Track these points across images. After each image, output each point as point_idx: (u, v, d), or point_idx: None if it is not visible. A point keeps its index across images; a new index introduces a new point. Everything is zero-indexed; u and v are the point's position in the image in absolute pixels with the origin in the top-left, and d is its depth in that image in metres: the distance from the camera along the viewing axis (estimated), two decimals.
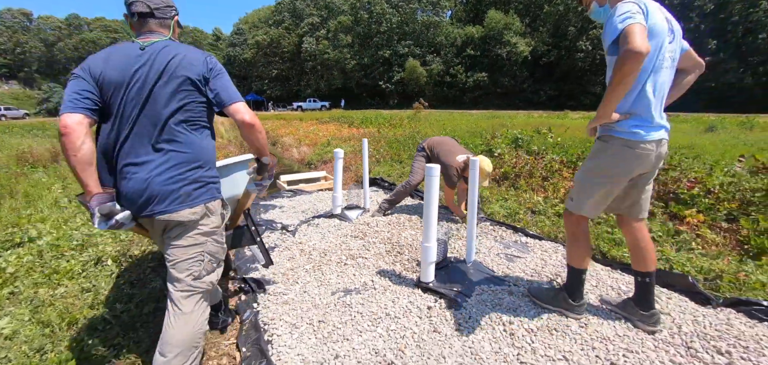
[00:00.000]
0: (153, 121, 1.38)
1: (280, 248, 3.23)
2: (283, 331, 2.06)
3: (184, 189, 1.42)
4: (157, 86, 1.38)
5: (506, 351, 1.82)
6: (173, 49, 1.42)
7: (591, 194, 1.85)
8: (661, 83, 1.68)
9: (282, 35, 49.75)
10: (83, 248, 3.05)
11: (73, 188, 5.08)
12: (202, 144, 1.49)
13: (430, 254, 2.38)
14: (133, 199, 1.38)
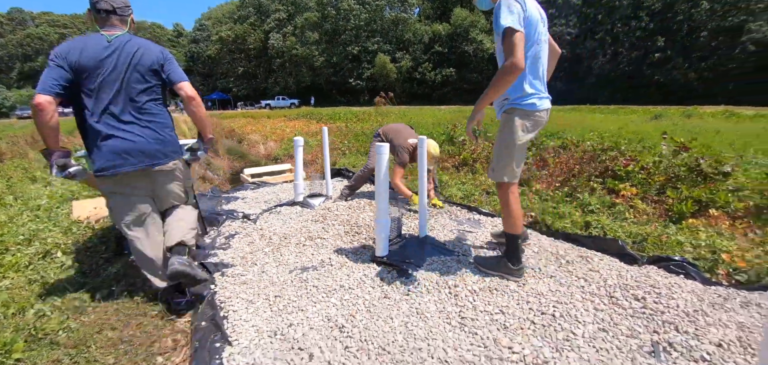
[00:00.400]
0: (128, 98, 1.90)
1: (241, 235, 3.25)
2: (239, 307, 2.11)
3: (166, 148, 2.03)
4: (127, 72, 1.89)
5: (449, 309, 1.97)
6: (136, 42, 1.93)
7: (510, 160, 2.15)
8: (542, 62, 2.09)
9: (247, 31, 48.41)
10: (30, 242, 2.94)
11: (18, 187, 4.81)
12: (165, 114, 2.08)
13: (382, 229, 2.50)
14: (130, 154, 1.91)
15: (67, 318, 1.98)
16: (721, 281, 2.26)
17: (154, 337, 1.90)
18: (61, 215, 3.64)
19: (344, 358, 1.64)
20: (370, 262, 2.57)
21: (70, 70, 1.79)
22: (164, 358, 1.76)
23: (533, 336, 1.73)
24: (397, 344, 1.71)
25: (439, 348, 1.66)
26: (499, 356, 1.60)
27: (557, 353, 1.61)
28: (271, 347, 1.75)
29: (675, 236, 2.76)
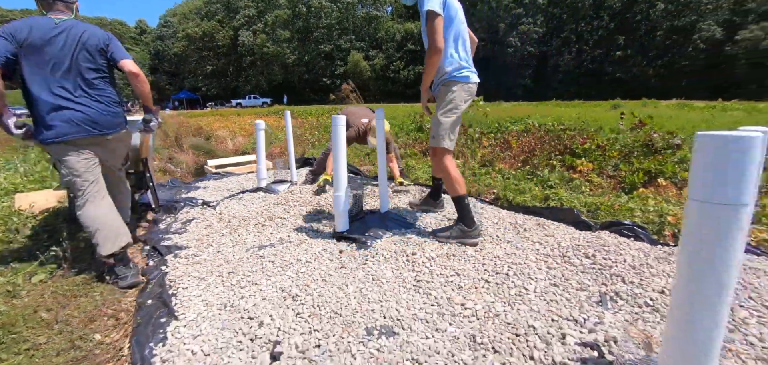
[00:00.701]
0: (78, 74, 2.07)
1: (198, 220, 3.12)
2: (190, 284, 2.02)
3: (116, 119, 2.23)
4: (76, 51, 2.05)
5: (406, 274, 1.96)
6: (82, 26, 2.11)
7: (449, 128, 2.32)
8: (464, 41, 2.35)
9: (215, 28, 46.88)
10: None
11: None
12: (112, 91, 2.24)
13: (341, 203, 2.46)
14: (83, 124, 2.06)
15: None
16: (667, 241, 2.38)
17: (93, 316, 1.78)
18: (2, 207, 3.37)
19: (295, 324, 1.59)
20: (330, 238, 2.53)
21: (18, 45, 1.92)
22: (103, 336, 1.65)
23: (486, 293, 1.75)
24: (350, 307, 1.68)
25: (393, 309, 1.65)
26: (452, 312, 1.60)
27: (509, 306, 1.63)
28: (219, 318, 1.68)
29: (626, 204, 2.88)
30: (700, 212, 0.72)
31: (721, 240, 0.69)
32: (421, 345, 1.41)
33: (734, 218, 0.68)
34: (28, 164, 4.91)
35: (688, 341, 0.78)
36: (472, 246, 2.26)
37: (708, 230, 0.71)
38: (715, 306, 0.73)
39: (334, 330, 1.53)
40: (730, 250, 0.69)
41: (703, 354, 0.76)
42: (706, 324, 0.75)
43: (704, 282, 0.73)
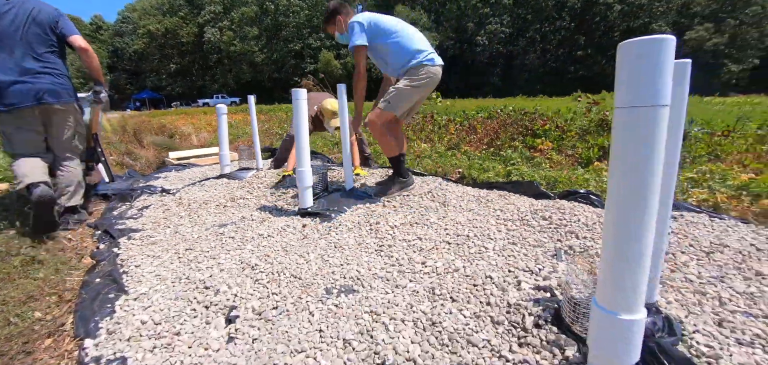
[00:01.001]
0: (29, 48, 2.23)
1: (156, 206, 2.98)
2: (143, 262, 1.93)
3: (64, 91, 2.38)
4: (26, 26, 2.22)
5: (368, 241, 1.96)
6: (33, 2, 2.28)
7: (406, 100, 2.54)
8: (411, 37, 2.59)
9: (179, 25, 44.97)
10: None
11: None
12: (61, 64, 2.41)
13: (305, 179, 2.43)
14: (32, 94, 2.24)
15: None
16: None
17: (34, 296, 1.65)
18: None
19: (253, 290, 1.55)
20: (295, 216, 2.48)
21: None
22: (43, 313, 1.53)
23: (447, 252, 1.78)
24: (310, 272, 1.66)
25: (353, 270, 1.64)
26: (412, 270, 1.62)
27: (468, 263, 1.66)
28: (172, 290, 1.61)
29: (583, 176, 3.02)
30: (624, 118, 0.77)
31: (643, 141, 0.74)
32: (381, 299, 1.41)
33: (654, 119, 0.72)
34: None
35: (619, 253, 0.82)
36: (409, 192, 2.67)
37: (631, 133, 0.76)
38: (642, 210, 0.78)
39: (292, 293, 1.50)
40: (653, 152, 0.74)
41: (634, 262, 0.81)
42: (636, 232, 0.79)
43: (631, 188, 0.78)
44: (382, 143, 2.67)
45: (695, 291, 1.38)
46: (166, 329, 1.35)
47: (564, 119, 4.31)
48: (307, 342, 1.20)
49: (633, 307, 0.83)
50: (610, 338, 0.86)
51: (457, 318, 1.24)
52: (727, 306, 1.29)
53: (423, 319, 1.26)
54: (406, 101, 2.56)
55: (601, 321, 0.87)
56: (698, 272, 1.53)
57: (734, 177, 2.77)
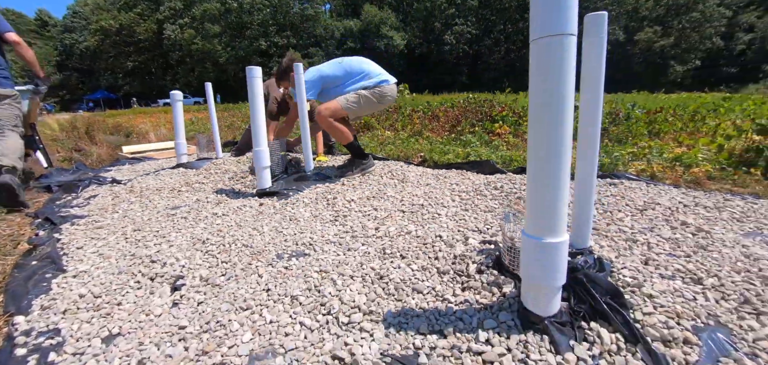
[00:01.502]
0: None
1: (104, 195, 2.82)
2: (86, 244, 1.82)
3: (4, 79, 2.69)
4: None
5: (324, 213, 1.96)
6: None
7: (365, 108, 2.74)
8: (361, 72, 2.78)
9: (135, 21, 42.59)
10: None
11: None
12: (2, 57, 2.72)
13: (262, 159, 2.39)
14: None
15: None
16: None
17: None
18: None
19: (202, 261, 1.52)
20: (252, 197, 2.44)
21: None
22: (5, 252, 1.42)
23: (401, 220, 1.81)
24: (263, 242, 1.64)
25: (306, 238, 1.64)
26: (365, 235, 1.64)
27: (420, 227, 1.70)
28: (116, 266, 1.54)
29: None
30: (537, 49, 0.83)
31: (554, 69, 0.80)
32: (332, 260, 1.42)
33: (560, 47, 0.78)
34: None
35: (539, 181, 0.88)
36: (369, 173, 2.75)
37: (543, 63, 0.81)
38: (557, 138, 0.84)
39: (242, 260, 1.48)
40: (563, 78, 0.80)
41: (553, 188, 0.86)
42: (553, 159, 0.85)
43: (545, 117, 0.84)
44: (335, 132, 2.73)
45: (627, 239, 1.49)
46: (107, 301, 1.29)
47: (521, 106, 4.49)
48: (254, 300, 1.19)
49: (554, 230, 0.89)
50: (537, 261, 0.91)
51: (405, 271, 1.28)
52: (654, 249, 1.40)
53: (371, 274, 1.28)
54: (366, 108, 2.77)
55: (529, 248, 0.93)
56: (631, 225, 1.65)
57: (670, 151, 3.01)
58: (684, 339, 0.91)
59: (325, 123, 2.67)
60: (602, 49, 1.16)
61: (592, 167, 1.28)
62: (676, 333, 0.92)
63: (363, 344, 0.94)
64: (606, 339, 0.90)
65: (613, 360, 0.86)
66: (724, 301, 1.07)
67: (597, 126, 1.24)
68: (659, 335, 0.92)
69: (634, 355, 0.87)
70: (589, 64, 1.20)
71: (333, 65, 2.84)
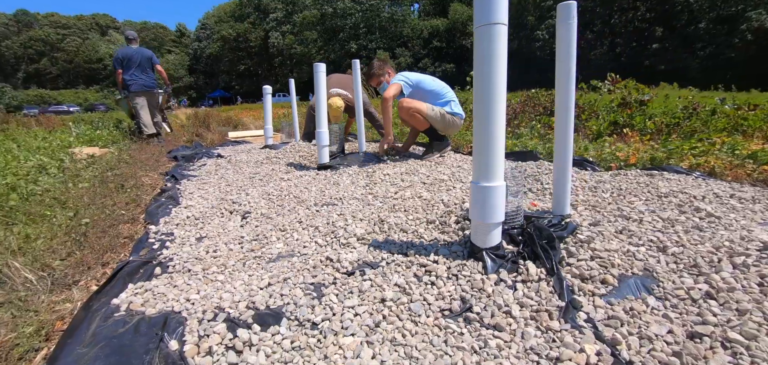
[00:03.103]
0: (144, 67, 5.28)
1: (211, 164, 3.68)
2: (195, 191, 2.54)
3: (154, 84, 5.44)
4: (143, 59, 5.30)
5: (361, 181, 2.38)
6: (143, 49, 5.33)
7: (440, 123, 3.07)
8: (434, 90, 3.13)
9: (248, 30, 49.07)
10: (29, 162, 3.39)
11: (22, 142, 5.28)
12: (153, 74, 5.40)
13: (322, 139, 2.91)
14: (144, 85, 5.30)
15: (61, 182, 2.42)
16: (607, 168, 2.64)
17: (124, 202, 2.32)
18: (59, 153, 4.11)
19: (265, 204, 2.06)
20: (313, 170, 2.98)
21: None
22: (127, 212, 2.18)
23: (420, 189, 2.13)
24: (308, 196, 2.12)
25: (339, 195, 2.07)
26: (384, 196, 2.01)
27: (433, 194, 2.00)
28: (210, 203, 2.17)
29: (586, 148, 3.15)
30: (478, 35, 1.10)
31: (489, 52, 1.07)
32: (352, 209, 1.82)
33: (491, 34, 1.05)
34: (81, 129, 5.77)
35: (479, 139, 1.15)
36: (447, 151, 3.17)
37: (481, 47, 1.09)
38: (492, 108, 1.10)
39: (290, 205, 1.98)
40: (495, 58, 1.07)
41: (489, 142, 1.13)
42: (488, 122, 1.12)
43: (484, 92, 1.10)
44: (413, 121, 3.07)
45: (619, 215, 1.60)
46: (201, 221, 1.89)
47: (586, 101, 4.33)
48: (289, 226, 1.66)
49: (490, 177, 1.16)
50: (477, 202, 1.19)
51: (400, 218, 1.62)
52: (642, 224, 1.49)
53: (375, 218, 1.65)
54: (439, 123, 3.10)
55: (473, 192, 1.20)
56: (637, 206, 1.72)
57: (746, 148, 2.72)
58: (602, 279, 1.09)
59: (406, 113, 3.04)
60: (571, 34, 1.35)
61: (565, 144, 1.46)
62: (595, 273, 1.10)
63: (348, 254, 1.32)
64: (532, 271, 1.13)
65: (531, 285, 1.10)
66: (673, 264, 1.18)
67: (570, 111, 1.42)
68: (579, 273, 1.11)
69: (548, 284, 1.09)
70: (561, 49, 1.39)
71: (429, 80, 3.20)
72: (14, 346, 0.98)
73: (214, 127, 9.25)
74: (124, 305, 1.13)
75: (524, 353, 0.83)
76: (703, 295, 0.99)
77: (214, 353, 0.90)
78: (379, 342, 0.87)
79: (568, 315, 0.94)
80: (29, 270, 1.29)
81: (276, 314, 1.02)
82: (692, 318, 0.91)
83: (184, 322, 1.02)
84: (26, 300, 1.17)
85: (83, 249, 1.54)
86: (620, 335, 0.86)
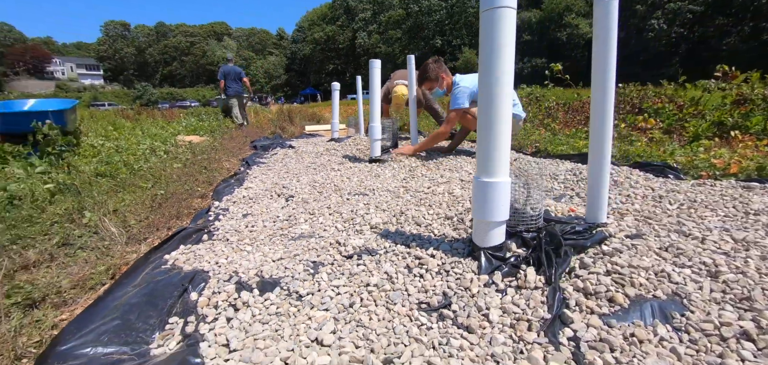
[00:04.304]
0: (235, 79, 7.78)
1: (281, 153, 4.07)
2: (258, 176, 2.86)
3: (243, 91, 8.00)
4: (235, 72, 7.73)
5: (400, 175, 2.42)
6: (234, 66, 7.78)
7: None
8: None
9: (337, 32, 52.09)
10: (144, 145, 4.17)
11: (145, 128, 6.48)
12: (241, 83, 7.86)
13: (375, 133, 3.02)
14: (237, 92, 7.83)
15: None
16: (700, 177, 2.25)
17: (199, 181, 2.73)
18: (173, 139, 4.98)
19: (308, 190, 2.24)
20: (365, 162, 3.11)
21: None
22: (200, 187, 2.56)
23: (455, 186, 2.08)
24: (348, 186, 2.24)
25: (375, 186, 2.15)
26: (415, 190, 2.02)
27: (465, 192, 1.94)
28: (265, 188, 2.43)
29: (674, 152, 2.72)
30: (483, 20, 1.06)
31: (493, 38, 1.02)
32: (379, 200, 1.88)
33: (495, 18, 1.00)
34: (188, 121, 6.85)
35: (483, 134, 1.11)
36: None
37: (486, 32, 1.04)
38: (496, 101, 1.05)
39: (329, 193, 2.12)
40: (500, 45, 1.02)
41: (493, 138, 1.09)
42: (492, 117, 1.07)
43: (488, 81, 1.05)
44: (464, 121, 3.03)
45: (677, 230, 1.38)
46: (253, 200, 2.14)
47: (691, 97, 3.68)
48: (318, 211, 1.79)
49: (491, 172, 1.11)
50: (478, 198, 1.15)
51: (421, 212, 1.62)
52: (704, 243, 1.27)
53: (396, 210, 1.68)
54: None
55: (474, 187, 1.16)
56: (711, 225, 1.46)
57: None
58: (610, 297, 0.96)
59: (464, 119, 2.98)
60: (610, 19, 1.20)
61: (602, 144, 1.30)
62: (603, 289, 0.98)
63: (356, 240, 1.38)
64: (530, 277, 1.06)
65: (524, 292, 1.02)
66: (718, 293, 0.99)
67: (607, 109, 1.27)
68: (583, 287, 1.00)
69: (543, 293, 1.00)
70: (598, 38, 1.25)
71: None
72: (89, 278, 1.26)
73: (297, 121, 10.08)
74: (172, 260, 1.36)
75: (483, 358, 0.79)
76: (738, 334, 0.82)
77: (218, 307, 1.05)
78: (345, 320, 0.92)
79: (551, 330, 0.86)
80: (114, 226, 1.63)
81: (275, 283, 1.13)
82: (709, 358, 0.77)
83: (208, 279, 1.20)
84: (107, 248, 1.49)
85: (156, 215, 1.88)
86: (603, 361, 0.77)
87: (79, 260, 1.41)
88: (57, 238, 1.56)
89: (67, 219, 1.78)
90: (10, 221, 1.70)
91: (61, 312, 1.13)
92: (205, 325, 0.98)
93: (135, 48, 72.91)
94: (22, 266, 1.36)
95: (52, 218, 1.78)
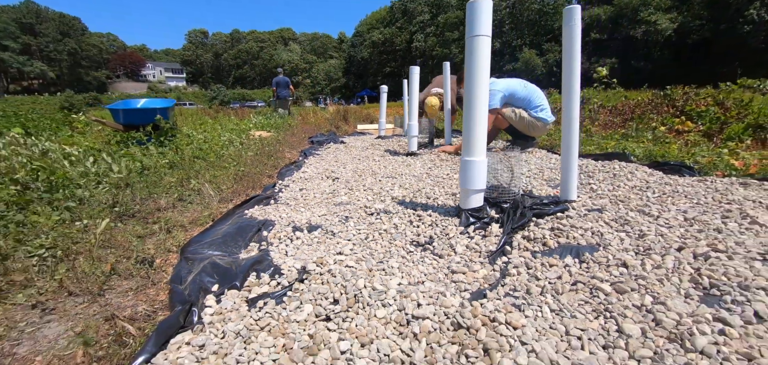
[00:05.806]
0: (284, 88, 10.33)
1: (333, 147, 4.70)
2: (312, 163, 3.47)
3: (290, 93, 10.61)
4: (282, 83, 10.29)
5: (429, 166, 2.86)
6: (282, 76, 10.36)
7: (523, 125, 3.36)
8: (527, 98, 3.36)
9: (395, 34, 53.10)
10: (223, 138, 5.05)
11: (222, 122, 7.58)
12: (289, 89, 10.45)
13: (412, 130, 3.47)
14: (285, 96, 10.30)
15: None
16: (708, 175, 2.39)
17: (268, 165, 3.41)
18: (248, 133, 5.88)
19: (350, 173, 2.77)
20: (404, 155, 3.58)
21: None
22: (268, 169, 3.22)
23: None
24: (382, 172, 2.73)
25: (403, 172, 2.61)
26: (438, 176, 2.44)
27: None
28: (317, 172, 3.02)
29: (695, 154, 2.81)
30: (468, 44, 1.47)
31: (474, 58, 1.43)
32: (405, 181, 2.35)
33: (477, 44, 1.41)
34: (257, 119, 7.86)
35: (466, 126, 1.52)
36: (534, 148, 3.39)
37: (470, 53, 1.45)
38: (475, 104, 1.45)
39: (366, 176, 2.63)
40: (478, 64, 1.42)
41: (472, 127, 1.50)
42: (472, 114, 1.49)
43: (470, 89, 1.46)
44: (495, 121, 3.38)
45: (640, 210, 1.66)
46: (308, 180, 2.72)
47: (735, 99, 3.60)
48: (356, 187, 2.30)
49: (471, 153, 1.52)
50: (462, 172, 1.56)
51: (433, 189, 2.06)
52: (658, 221, 1.56)
53: (415, 188, 2.13)
54: (519, 125, 3.37)
55: (461, 165, 1.58)
56: (676, 209, 1.71)
57: None
58: (544, 242, 1.33)
59: (496, 119, 3.34)
60: (573, 35, 1.54)
61: (570, 137, 1.63)
62: (539, 237, 1.35)
63: (378, 204, 1.86)
64: (494, 230, 1.45)
65: (486, 238, 1.42)
66: (636, 247, 1.30)
67: (573, 107, 1.60)
68: (529, 235, 1.38)
69: (499, 239, 1.39)
70: (565, 48, 1.58)
71: (520, 88, 3.38)
72: (198, 219, 1.89)
73: (352, 120, 10.84)
74: (250, 214, 1.96)
75: (440, 266, 1.23)
76: (619, 264, 1.15)
77: (281, 239, 1.60)
78: (359, 243, 1.41)
79: (492, 257, 1.27)
80: (212, 189, 2.28)
81: (318, 227, 1.65)
82: (590, 274, 1.12)
83: (274, 225, 1.76)
84: (207, 204, 2.14)
85: (238, 185, 2.53)
86: (517, 272, 1.16)
87: (190, 209, 2.07)
88: (176, 195, 2.26)
89: (178, 184, 2.50)
90: (145, 183, 2.45)
91: (185, 234, 1.76)
92: (272, 247, 1.53)
93: (212, 53, 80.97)
94: (156, 209, 2.05)
95: (170, 183, 2.50)
